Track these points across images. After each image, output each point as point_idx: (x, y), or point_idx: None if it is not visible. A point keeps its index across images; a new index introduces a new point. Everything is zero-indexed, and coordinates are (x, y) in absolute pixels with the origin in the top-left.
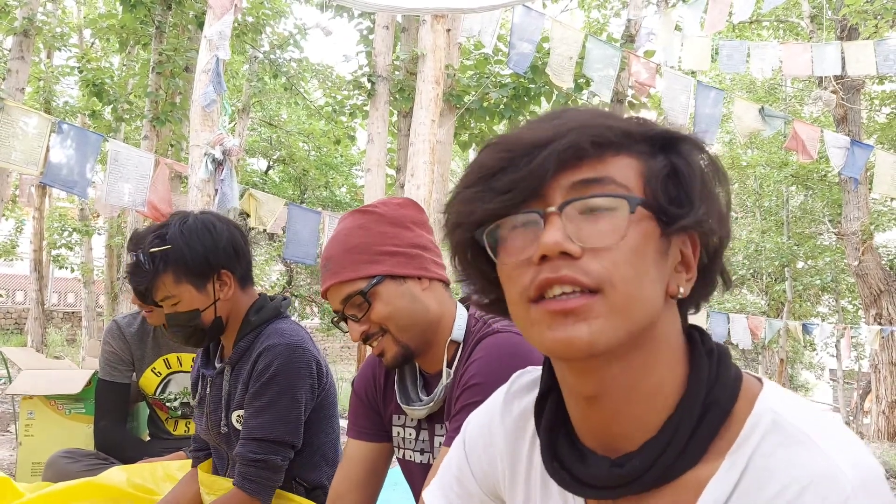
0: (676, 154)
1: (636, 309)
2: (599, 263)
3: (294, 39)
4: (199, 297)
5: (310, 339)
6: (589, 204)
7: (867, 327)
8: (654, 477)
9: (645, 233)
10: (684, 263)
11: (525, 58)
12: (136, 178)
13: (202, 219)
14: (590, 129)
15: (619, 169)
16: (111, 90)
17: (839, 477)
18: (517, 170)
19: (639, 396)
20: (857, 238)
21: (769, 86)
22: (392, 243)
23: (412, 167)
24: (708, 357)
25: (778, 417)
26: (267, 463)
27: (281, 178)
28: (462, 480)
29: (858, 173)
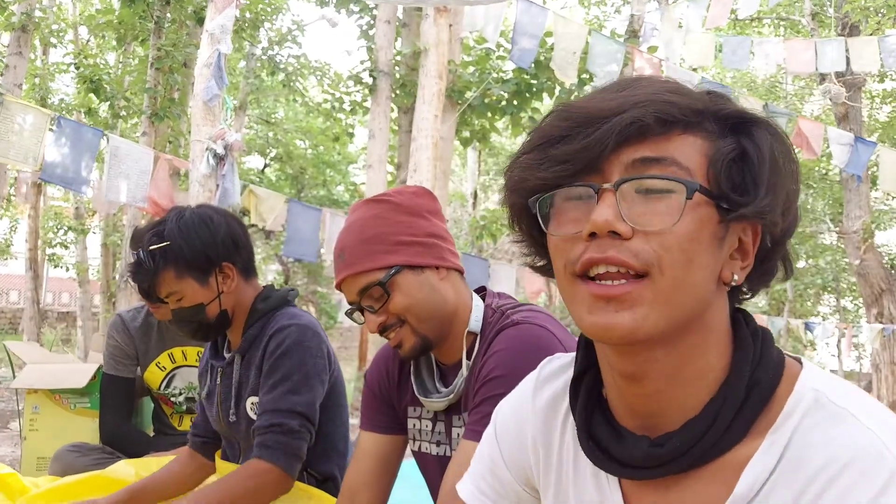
0: (747, 137)
1: (684, 296)
2: (649, 246)
3: (292, 36)
4: (203, 292)
5: (320, 326)
6: (645, 184)
7: (868, 326)
8: (694, 457)
9: (701, 218)
10: (741, 250)
11: (528, 53)
12: (137, 174)
13: (199, 212)
14: (656, 105)
15: (683, 149)
16: (108, 86)
17: (883, 452)
18: (576, 140)
19: (683, 379)
20: (859, 237)
21: (769, 84)
22: (409, 233)
23: (415, 163)
24: (753, 338)
25: (819, 395)
26: (282, 427)
27: (277, 177)
28: (495, 471)
29: (862, 170)
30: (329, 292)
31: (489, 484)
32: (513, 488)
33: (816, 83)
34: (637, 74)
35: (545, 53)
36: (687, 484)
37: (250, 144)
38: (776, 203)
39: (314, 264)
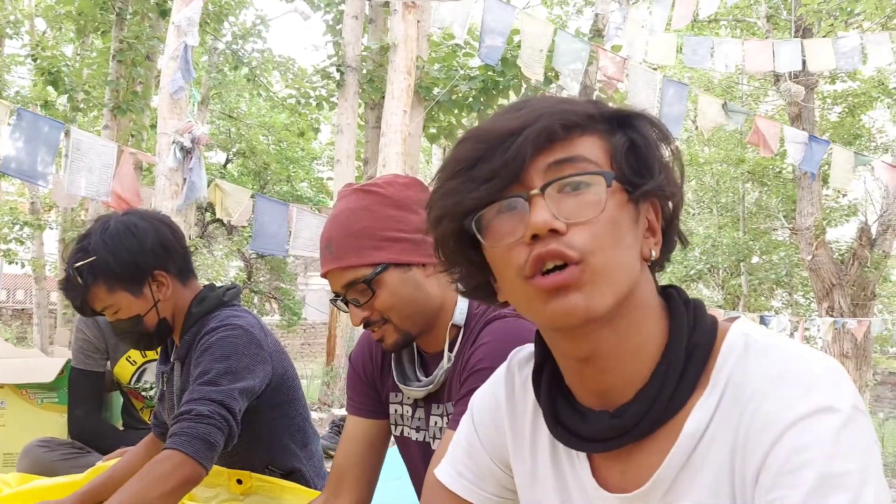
0: (632, 129)
1: (618, 275)
2: (582, 237)
3: (257, 30)
4: (138, 303)
5: (257, 325)
6: (568, 182)
7: (820, 320)
8: (651, 421)
9: (618, 203)
10: (650, 229)
11: (496, 50)
12: (100, 168)
13: (124, 221)
14: (557, 114)
15: (587, 148)
16: (67, 79)
17: (805, 365)
18: (496, 158)
19: (627, 353)
20: (811, 233)
21: (726, 84)
22: (397, 228)
23: (384, 158)
24: (685, 307)
25: (748, 338)
26: (191, 413)
27: (240, 172)
28: (472, 454)
29: (816, 168)
30: (292, 288)
31: (467, 467)
32: (490, 469)
33: (771, 83)
34: (601, 73)
35: (512, 51)
36: (646, 448)
37: (212, 139)
38: (668, 178)
39: (277, 260)
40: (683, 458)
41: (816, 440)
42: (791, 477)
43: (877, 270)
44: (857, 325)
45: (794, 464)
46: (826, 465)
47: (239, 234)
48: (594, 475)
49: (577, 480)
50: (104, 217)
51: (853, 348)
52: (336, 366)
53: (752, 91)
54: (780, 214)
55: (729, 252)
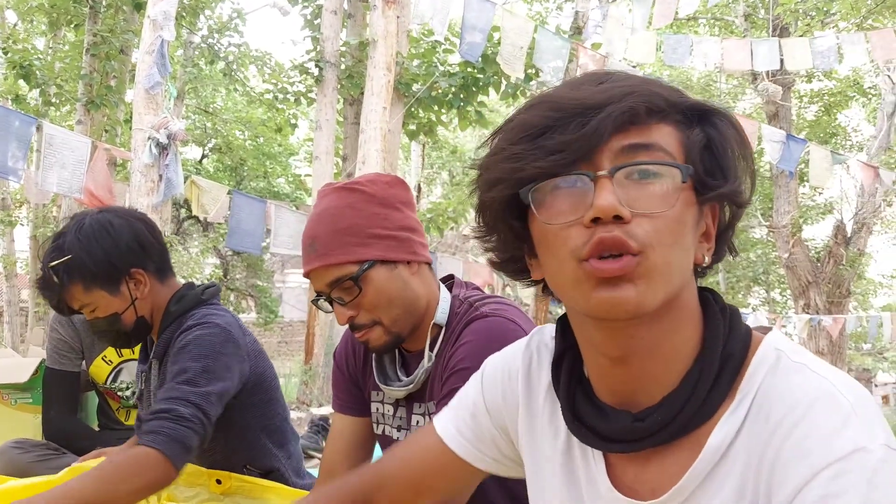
0: (711, 126)
1: (672, 275)
2: (645, 229)
3: (234, 24)
4: (115, 301)
5: (236, 325)
6: (639, 170)
7: (797, 317)
8: (674, 430)
9: (686, 202)
10: (706, 234)
11: (476, 47)
12: (73, 164)
13: (99, 219)
14: (644, 96)
15: (663, 136)
16: (39, 73)
17: (837, 396)
18: (569, 131)
19: (661, 356)
20: (788, 231)
21: (704, 83)
22: (382, 225)
23: (363, 155)
24: (722, 315)
25: (780, 354)
26: (169, 413)
27: (216, 168)
28: (476, 415)
29: (794, 167)
30: (269, 286)
31: (469, 426)
32: (491, 433)
33: (749, 82)
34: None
35: (492, 48)
36: (666, 454)
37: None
38: (743, 186)
39: (254, 258)
40: (705, 471)
41: (851, 486)
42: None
43: (852, 268)
44: (833, 322)
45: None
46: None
47: (215, 231)
48: (609, 476)
49: (590, 478)
50: (79, 215)
51: (828, 345)
52: (315, 364)
53: (730, 90)
54: (758, 212)
55: None
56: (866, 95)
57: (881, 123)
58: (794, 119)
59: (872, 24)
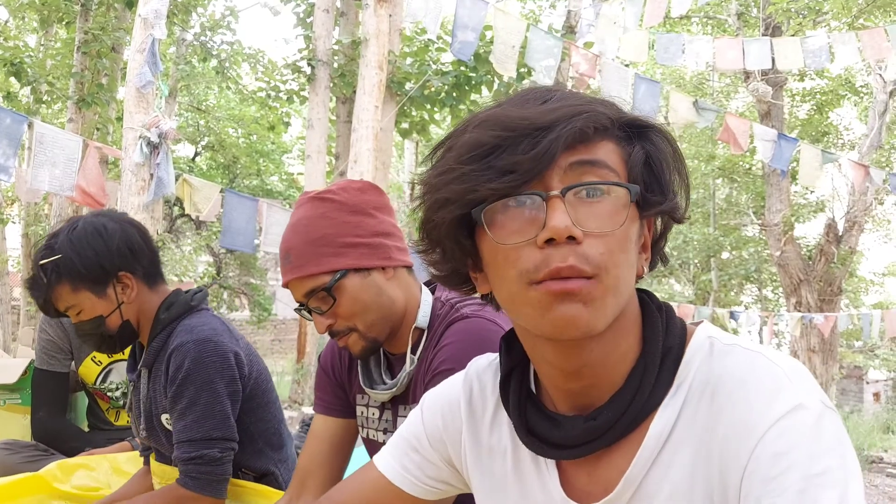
0: (649, 142)
1: (622, 292)
2: (598, 250)
3: (226, 21)
4: (101, 304)
5: (226, 331)
6: (588, 189)
7: (788, 315)
8: (624, 424)
9: (631, 218)
10: (643, 246)
11: (469, 45)
12: (64, 162)
13: (93, 222)
14: (590, 115)
15: (607, 154)
16: (30, 70)
17: (770, 365)
18: (520, 151)
19: (611, 363)
20: (779, 229)
21: (697, 81)
22: (354, 234)
23: (355, 154)
24: (659, 313)
25: (713, 340)
26: (203, 458)
27: (209, 166)
28: (419, 449)
29: (786, 165)
30: (262, 284)
31: (412, 461)
32: (435, 465)
33: (741, 81)
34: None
35: (484, 47)
36: (615, 451)
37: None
38: (681, 199)
39: (247, 256)
40: (651, 459)
41: (794, 442)
42: (776, 483)
43: (843, 266)
44: (824, 320)
45: (777, 469)
46: (808, 465)
47: (208, 230)
48: (562, 484)
49: (545, 489)
50: (75, 217)
51: (820, 343)
52: (307, 363)
53: (722, 89)
54: (750, 210)
55: (699, 248)
56: (858, 94)
57: (872, 122)
58: (786, 118)
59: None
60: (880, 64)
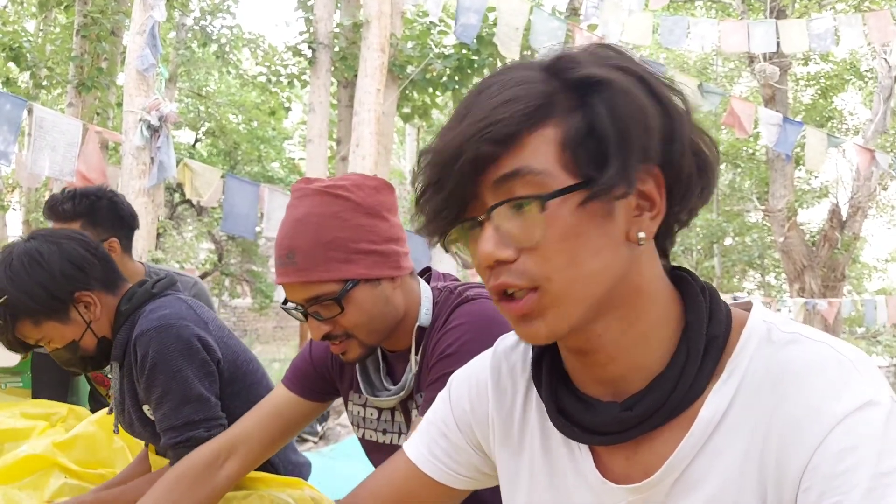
0: (597, 105)
1: (584, 288)
2: (533, 262)
3: (226, 5)
4: (69, 329)
5: (190, 314)
6: (511, 205)
7: (791, 301)
8: (666, 412)
9: (572, 212)
10: (646, 199)
11: (471, 28)
12: (64, 147)
13: (27, 250)
14: (489, 131)
15: (534, 150)
16: (29, 55)
17: (838, 356)
18: (446, 185)
19: (630, 342)
20: (783, 215)
21: (701, 65)
22: (368, 239)
23: (357, 137)
24: (703, 294)
25: (770, 326)
26: (191, 440)
27: (210, 152)
28: (447, 434)
29: (790, 150)
30: (263, 271)
31: (441, 447)
32: (464, 450)
33: (745, 65)
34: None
35: (488, 29)
36: (656, 437)
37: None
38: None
39: (249, 243)
40: (698, 445)
41: (864, 438)
42: (843, 480)
43: (847, 252)
44: (828, 306)
45: (844, 466)
46: (877, 463)
47: (209, 216)
48: (597, 465)
49: (578, 472)
50: (7, 248)
51: (823, 329)
52: None
53: (726, 73)
54: (754, 196)
55: (703, 234)
56: (863, 79)
57: (877, 107)
58: (790, 102)
59: (870, 7)
60: (885, 47)
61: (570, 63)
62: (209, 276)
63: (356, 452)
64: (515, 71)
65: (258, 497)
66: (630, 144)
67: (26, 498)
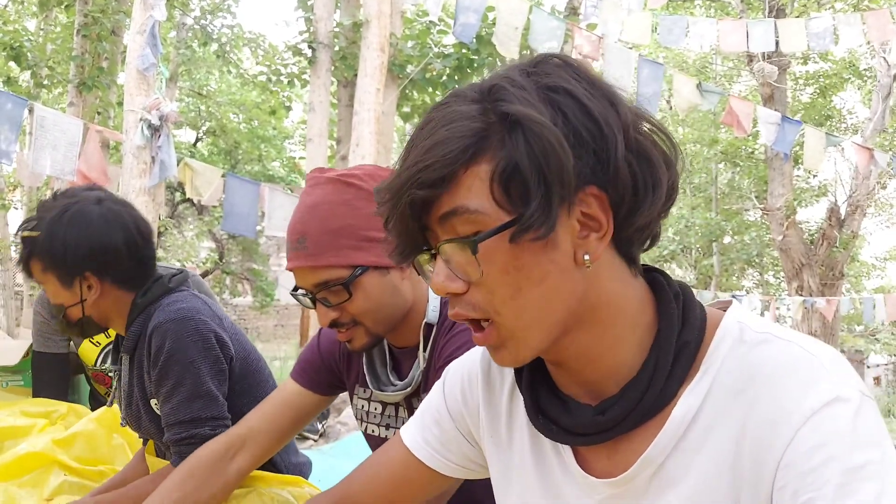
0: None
1: (533, 317)
2: (481, 295)
3: (226, 5)
4: (64, 293)
5: (207, 310)
6: (452, 244)
7: (790, 299)
8: (637, 417)
9: (507, 248)
10: (591, 220)
11: (471, 27)
12: (65, 146)
13: (83, 211)
14: (419, 177)
15: (469, 188)
16: (30, 54)
17: (807, 356)
18: (395, 225)
19: (602, 350)
20: (782, 213)
21: (700, 64)
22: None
23: (357, 137)
24: (675, 300)
25: (743, 327)
26: (195, 437)
27: (210, 151)
28: (440, 422)
29: (789, 149)
30: (264, 270)
31: (434, 435)
32: (456, 439)
33: (744, 64)
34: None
35: (487, 28)
36: (635, 436)
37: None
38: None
39: (249, 241)
40: (672, 442)
41: (833, 434)
42: (815, 476)
43: (845, 250)
44: (826, 304)
45: (815, 461)
46: (848, 458)
47: (210, 215)
48: (578, 461)
49: (563, 466)
50: (80, 194)
51: (821, 327)
52: None
53: (725, 72)
54: (752, 195)
55: (701, 232)
56: (861, 78)
57: (876, 105)
58: (789, 101)
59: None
60: (884, 46)
61: (498, 95)
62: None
63: (356, 450)
64: (452, 105)
65: (258, 494)
66: (548, 180)
67: (26, 495)
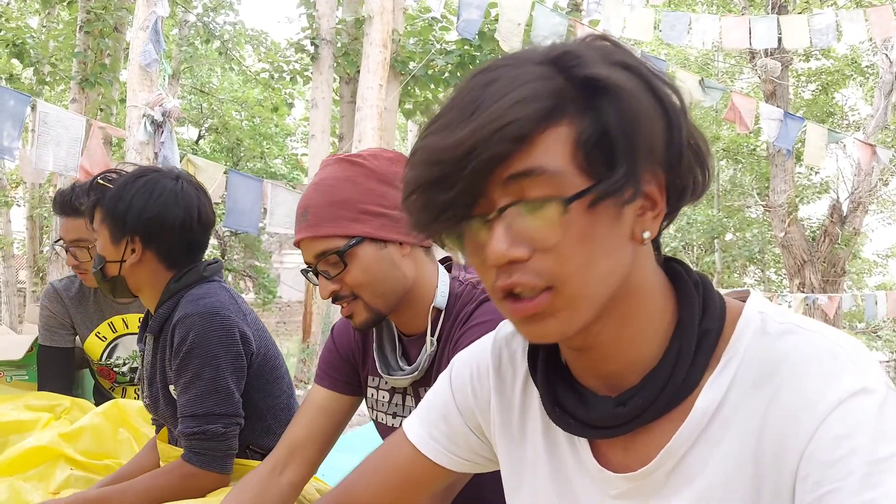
0: (607, 108)
1: (595, 287)
2: (548, 262)
3: (229, 2)
4: (110, 247)
5: (234, 305)
6: (524, 206)
7: (792, 296)
8: (659, 408)
9: (587, 215)
10: (648, 200)
11: (473, 23)
12: (68, 142)
13: (159, 183)
14: (510, 126)
15: (548, 149)
16: (33, 51)
17: (832, 346)
18: (451, 185)
19: (628, 339)
20: (783, 210)
21: (703, 61)
22: (378, 202)
23: (359, 133)
24: (696, 289)
25: (765, 317)
26: (207, 433)
27: (212, 149)
28: (448, 417)
29: (791, 145)
30: (266, 267)
31: (441, 430)
32: (464, 433)
33: (747, 61)
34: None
35: (489, 24)
36: (654, 428)
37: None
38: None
39: (251, 238)
40: (694, 435)
41: (858, 425)
42: (839, 467)
43: (847, 247)
44: (828, 301)
45: (839, 453)
46: (872, 450)
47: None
48: (595, 454)
49: (578, 461)
50: (164, 170)
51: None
52: (312, 343)
53: (727, 68)
54: (754, 192)
55: (703, 229)
56: (864, 74)
57: (878, 102)
58: (791, 98)
59: (871, 2)
60: (887, 43)
61: (574, 60)
62: None
63: (360, 445)
64: (521, 66)
65: None
66: (637, 148)
67: (32, 489)
